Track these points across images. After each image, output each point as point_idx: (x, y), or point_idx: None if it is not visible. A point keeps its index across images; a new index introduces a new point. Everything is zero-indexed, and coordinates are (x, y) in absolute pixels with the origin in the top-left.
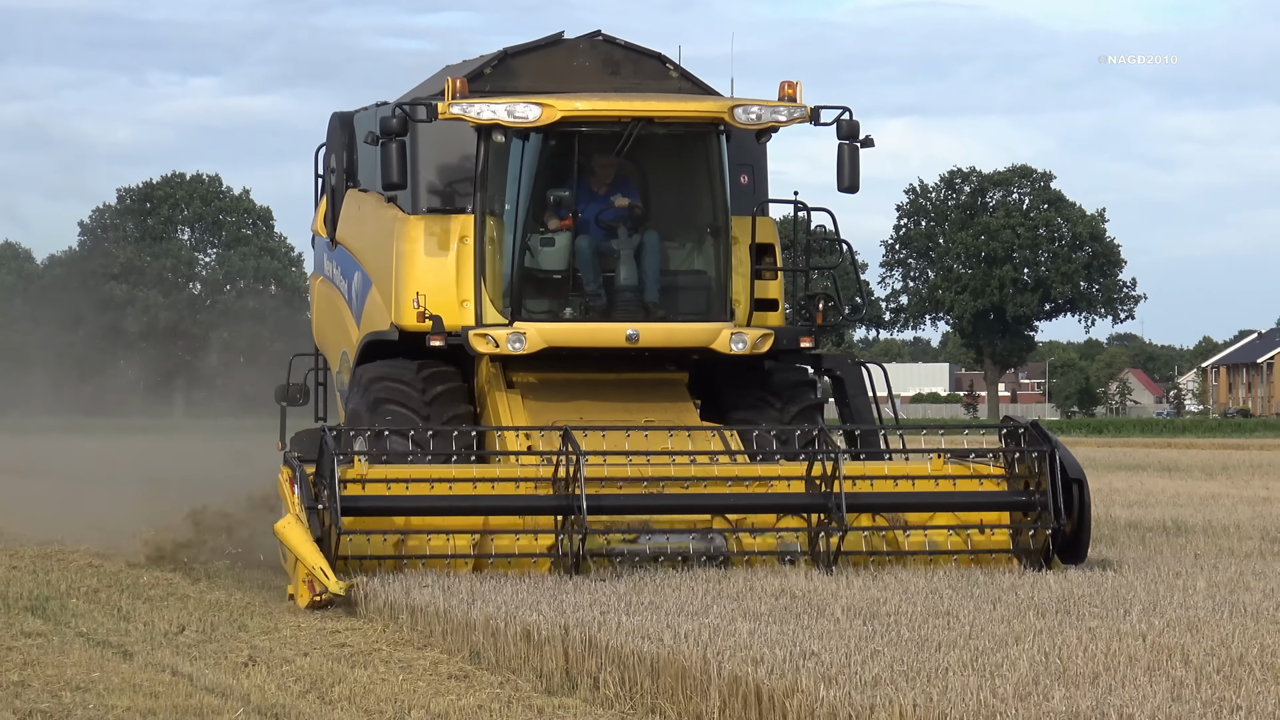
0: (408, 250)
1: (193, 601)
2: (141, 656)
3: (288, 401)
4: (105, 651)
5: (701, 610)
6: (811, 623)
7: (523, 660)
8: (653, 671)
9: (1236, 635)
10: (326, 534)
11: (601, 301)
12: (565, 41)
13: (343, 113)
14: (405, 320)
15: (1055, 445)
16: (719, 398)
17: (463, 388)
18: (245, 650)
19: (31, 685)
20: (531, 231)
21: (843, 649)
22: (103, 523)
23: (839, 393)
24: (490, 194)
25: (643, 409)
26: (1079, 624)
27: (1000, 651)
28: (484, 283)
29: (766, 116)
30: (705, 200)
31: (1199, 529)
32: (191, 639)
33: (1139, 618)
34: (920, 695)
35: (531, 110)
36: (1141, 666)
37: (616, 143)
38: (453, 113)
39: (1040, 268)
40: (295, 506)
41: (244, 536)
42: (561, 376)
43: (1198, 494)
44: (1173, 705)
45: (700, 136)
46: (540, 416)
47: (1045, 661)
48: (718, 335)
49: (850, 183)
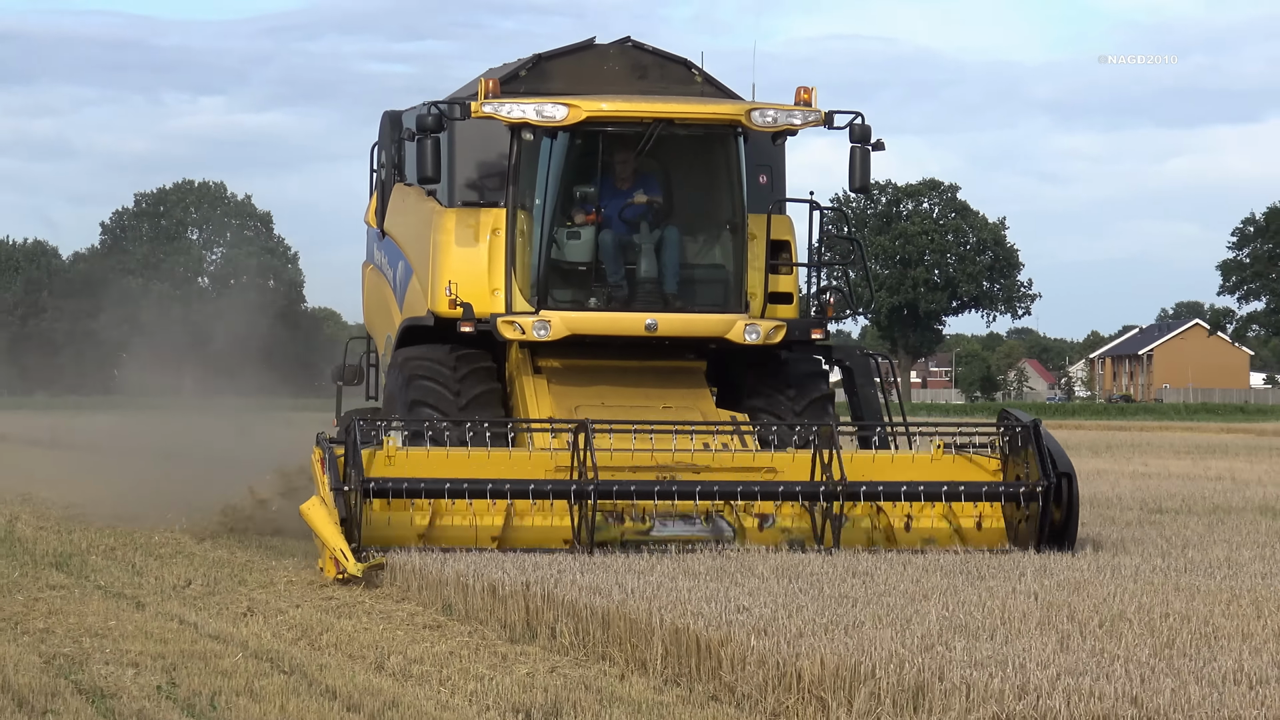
0: (443, 241)
1: (198, 559)
2: (153, 607)
3: (344, 381)
4: (121, 602)
5: (647, 569)
6: (744, 581)
7: (489, 613)
8: (603, 623)
9: (1117, 594)
10: (351, 516)
11: (623, 292)
12: (596, 46)
13: (393, 112)
14: (440, 307)
15: (1046, 440)
16: (735, 386)
17: (492, 369)
18: (244, 602)
19: (55, 632)
20: (558, 225)
21: (771, 605)
22: (120, 489)
23: (848, 382)
24: (521, 189)
25: (662, 395)
26: (979, 584)
27: (910, 607)
28: (514, 273)
29: (782, 120)
30: (723, 198)
31: (1086, 501)
32: (197, 592)
33: (1032, 578)
34: (838, 645)
35: (559, 110)
36: (1034, 621)
37: (639, 142)
38: (485, 112)
39: (949, 269)
40: (323, 488)
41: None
42: (585, 362)
43: (1085, 470)
44: (1061, 655)
45: (719, 137)
46: (564, 399)
47: (949, 617)
48: (733, 326)
49: (862, 183)
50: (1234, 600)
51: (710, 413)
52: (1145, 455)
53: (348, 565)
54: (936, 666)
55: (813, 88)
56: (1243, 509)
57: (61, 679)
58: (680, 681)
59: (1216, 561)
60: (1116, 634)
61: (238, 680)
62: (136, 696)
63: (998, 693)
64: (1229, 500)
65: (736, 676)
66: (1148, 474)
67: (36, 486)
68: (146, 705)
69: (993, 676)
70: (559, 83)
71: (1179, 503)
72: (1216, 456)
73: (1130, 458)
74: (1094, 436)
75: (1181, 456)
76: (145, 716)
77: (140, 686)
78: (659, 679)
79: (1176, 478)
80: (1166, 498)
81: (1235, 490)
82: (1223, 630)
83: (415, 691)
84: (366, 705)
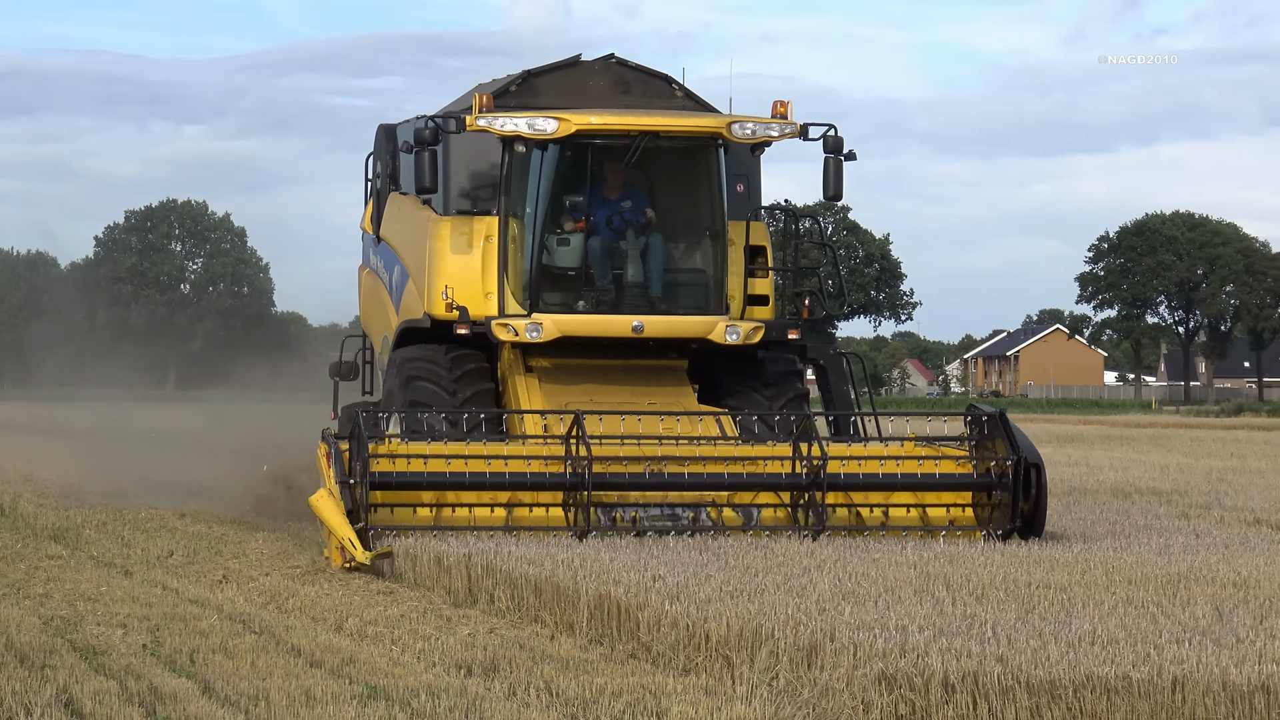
0: (438, 247)
1: (179, 533)
2: (139, 575)
3: (340, 377)
4: (111, 571)
5: (574, 543)
6: (661, 554)
7: (435, 580)
8: (536, 590)
9: (986, 566)
10: (357, 507)
11: (611, 296)
12: (582, 63)
13: (388, 125)
14: (436, 310)
15: (1016, 435)
16: (715, 384)
17: (486, 369)
18: (220, 571)
19: (53, 596)
20: (549, 232)
21: (684, 574)
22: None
23: (822, 379)
24: (512, 198)
25: (647, 392)
26: (866, 556)
27: (806, 576)
28: (506, 277)
29: (760, 132)
30: (705, 206)
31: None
32: (178, 561)
33: (911, 551)
34: (742, 610)
35: (549, 124)
36: (912, 589)
37: (626, 154)
38: (479, 125)
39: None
40: (329, 480)
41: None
42: (574, 361)
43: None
44: (936, 619)
45: (701, 149)
46: (555, 397)
47: (840, 584)
48: (714, 327)
49: (835, 191)
50: (1088, 571)
51: (693, 409)
52: None
53: (356, 554)
54: (828, 628)
55: (788, 101)
56: (1096, 490)
57: (58, 638)
58: (603, 641)
59: (1073, 536)
60: (985, 600)
61: (214, 639)
62: (124, 654)
63: (881, 651)
64: (1084, 483)
65: (652, 637)
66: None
67: (37, 468)
68: (134, 661)
69: (877, 638)
70: (547, 97)
71: None
72: (1074, 445)
73: None
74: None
75: (1044, 445)
76: (133, 671)
77: (128, 645)
78: (584, 639)
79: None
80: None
81: (1090, 474)
82: (1078, 597)
83: (370, 649)
84: (327, 661)
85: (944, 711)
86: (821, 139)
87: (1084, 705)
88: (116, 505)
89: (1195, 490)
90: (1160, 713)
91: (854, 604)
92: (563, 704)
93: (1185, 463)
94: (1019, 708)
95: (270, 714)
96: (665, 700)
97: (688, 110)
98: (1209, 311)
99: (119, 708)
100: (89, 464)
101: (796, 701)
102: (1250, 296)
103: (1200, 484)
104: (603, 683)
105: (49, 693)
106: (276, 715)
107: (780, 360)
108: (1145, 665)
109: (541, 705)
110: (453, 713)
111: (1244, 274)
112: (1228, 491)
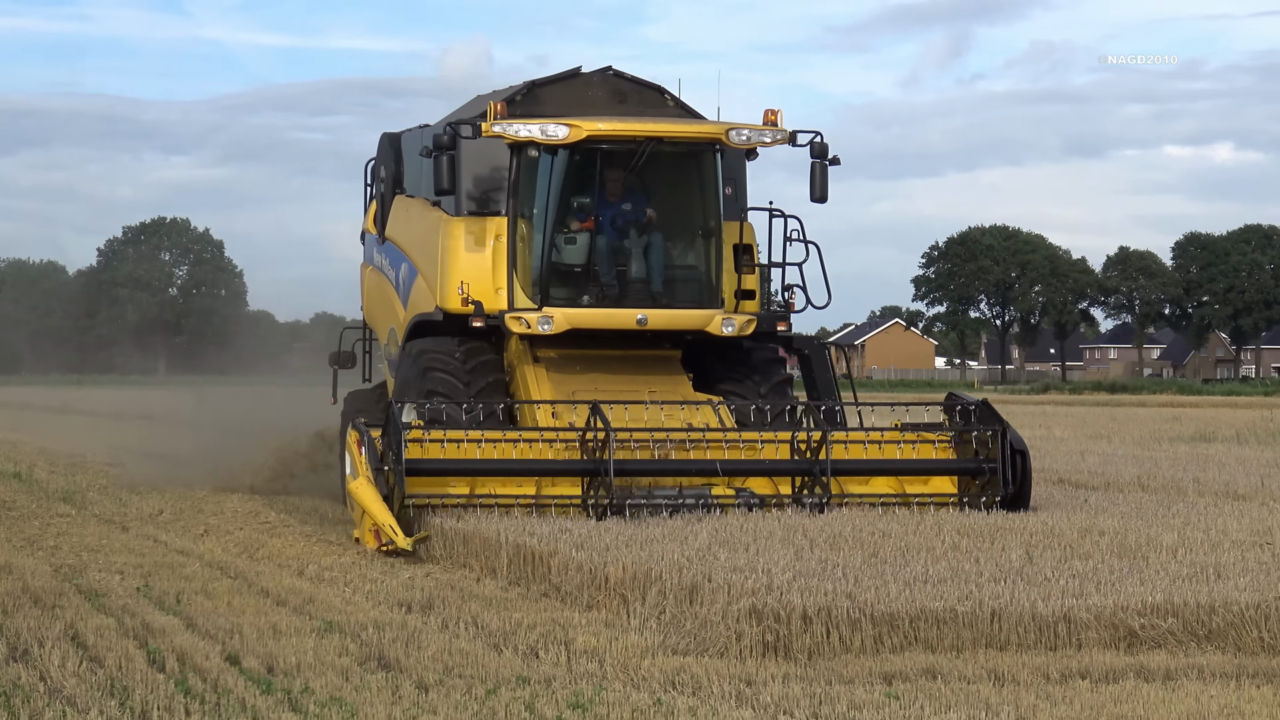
0: (451, 246)
1: (168, 495)
2: (135, 529)
3: (339, 365)
4: (111, 527)
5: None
6: (566, 510)
7: None
8: (464, 540)
9: (838, 519)
10: (391, 493)
11: (615, 291)
12: (582, 75)
13: (391, 133)
14: (451, 304)
15: (1005, 425)
16: (707, 372)
17: (496, 360)
18: (202, 526)
19: (62, 548)
20: (558, 232)
21: (587, 528)
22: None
23: (806, 369)
24: (521, 200)
25: (646, 380)
26: (738, 511)
27: (689, 529)
28: (515, 273)
29: (755, 138)
30: (702, 207)
31: None
32: (167, 518)
33: (776, 510)
34: (635, 556)
35: (561, 130)
36: (778, 539)
37: (631, 158)
38: (494, 131)
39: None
40: (364, 468)
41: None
42: (578, 352)
43: None
44: (796, 563)
45: (700, 154)
46: (561, 385)
47: (717, 535)
48: (711, 320)
49: (821, 194)
50: (921, 523)
51: (690, 395)
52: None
53: (397, 539)
54: (706, 571)
55: (778, 110)
56: None
57: (66, 583)
58: (520, 583)
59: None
60: (838, 548)
61: (196, 583)
62: (121, 595)
63: (750, 590)
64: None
65: (561, 579)
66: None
67: (50, 441)
68: (129, 602)
69: (747, 578)
70: (550, 106)
71: None
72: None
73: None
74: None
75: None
76: (128, 610)
77: (125, 588)
78: (505, 581)
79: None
80: None
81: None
82: (914, 546)
83: (327, 591)
84: (290, 601)
85: (802, 640)
86: (809, 145)
87: (918, 633)
88: (115, 472)
89: None
90: (980, 639)
91: (729, 551)
92: (487, 635)
93: None
94: (864, 636)
95: (243, 645)
96: (572, 631)
97: (679, 118)
98: (1021, 307)
99: (116, 640)
100: (93, 438)
101: (680, 632)
102: (1055, 295)
103: None
104: (520, 617)
105: (58, 628)
106: (248, 646)
107: (764, 350)
108: (968, 600)
109: (469, 636)
110: (395, 643)
111: (1050, 276)
112: (1036, 455)
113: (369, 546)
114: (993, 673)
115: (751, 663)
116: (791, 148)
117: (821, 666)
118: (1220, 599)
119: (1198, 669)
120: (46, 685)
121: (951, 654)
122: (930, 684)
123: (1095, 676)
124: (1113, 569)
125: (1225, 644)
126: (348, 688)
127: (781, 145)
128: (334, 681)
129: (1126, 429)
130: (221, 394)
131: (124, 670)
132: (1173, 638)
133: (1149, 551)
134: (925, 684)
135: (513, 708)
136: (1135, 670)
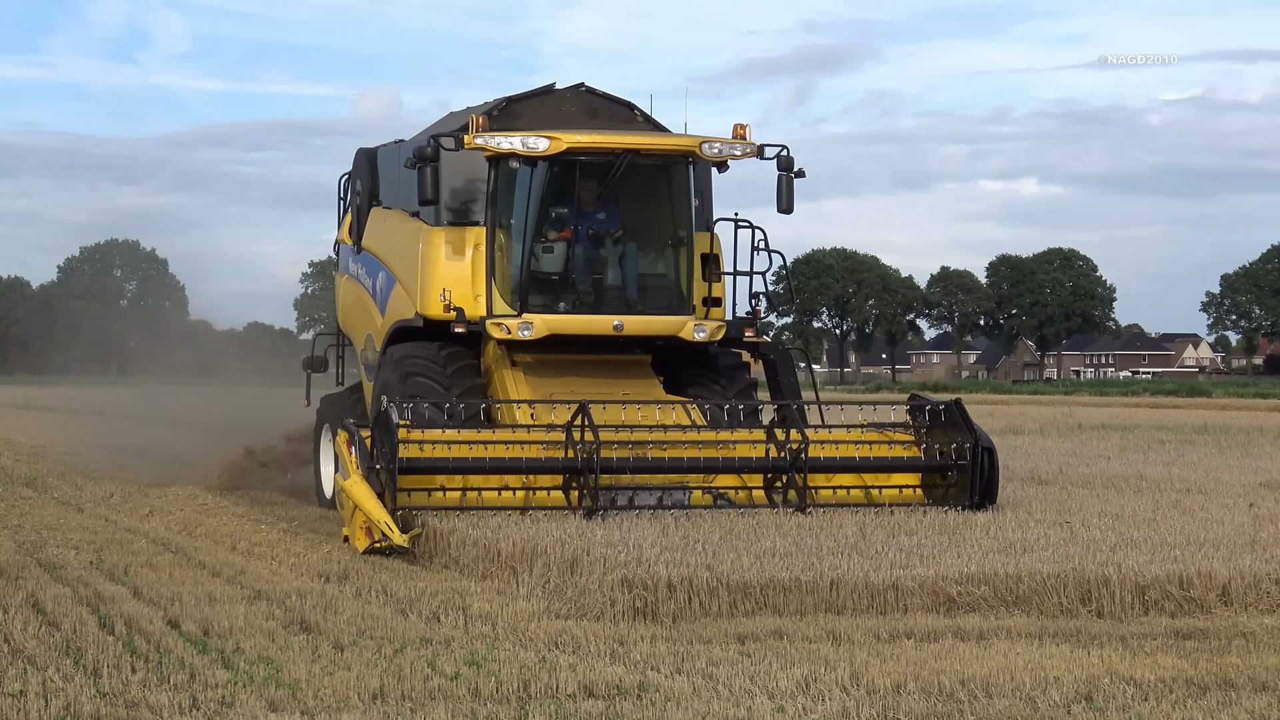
0: (432, 255)
1: (118, 481)
2: (89, 510)
3: (312, 369)
4: (68, 508)
5: None
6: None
7: (302, 514)
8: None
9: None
10: (384, 491)
11: (591, 298)
12: (555, 91)
13: (368, 149)
14: (432, 310)
15: (976, 429)
16: (676, 376)
17: (474, 364)
18: (148, 507)
19: (25, 526)
20: (536, 241)
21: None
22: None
23: (771, 373)
24: (499, 210)
25: (619, 384)
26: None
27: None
28: (494, 281)
29: (726, 151)
30: (674, 218)
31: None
32: (117, 500)
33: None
34: (524, 533)
35: (541, 142)
36: (646, 518)
37: (608, 170)
38: (477, 143)
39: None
40: (354, 467)
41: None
42: (554, 357)
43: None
44: (663, 539)
45: (673, 166)
46: (538, 387)
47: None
48: (684, 326)
49: (787, 205)
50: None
51: (662, 398)
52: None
53: (393, 536)
54: (585, 546)
55: (747, 124)
56: None
57: (28, 557)
58: (424, 557)
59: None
60: (699, 525)
61: (142, 557)
62: (77, 568)
63: (623, 562)
64: None
65: (460, 553)
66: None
67: (14, 434)
68: (84, 573)
69: (620, 552)
70: (525, 121)
71: None
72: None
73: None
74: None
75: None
76: (82, 581)
77: (80, 562)
78: (411, 555)
79: None
80: None
81: None
82: (766, 523)
83: (256, 564)
84: (224, 572)
85: (668, 605)
86: (776, 158)
87: (767, 600)
88: (72, 460)
89: None
90: (821, 605)
91: (604, 529)
92: (395, 601)
93: None
94: (721, 602)
95: (183, 611)
96: (469, 598)
97: (648, 132)
98: (858, 318)
99: (72, 607)
100: (53, 430)
101: (563, 599)
102: (886, 308)
103: None
104: (424, 586)
105: (20, 596)
106: (187, 612)
107: (729, 355)
108: (811, 570)
109: (380, 603)
110: (315, 609)
111: (882, 292)
112: None
113: (359, 548)
114: (831, 633)
115: (624, 625)
116: (759, 160)
117: (684, 628)
118: (1026, 570)
119: (1006, 630)
120: (10, 646)
121: (796, 617)
122: (778, 643)
123: (919, 636)
124: (934, 544)
125: (1030, 608)
126: (274, 648)
127: (750, 158)
128: (262, 642)
129: None
130: (166, 392)
131: (78, 633)
132: (985, 603)
133: (965, 529)
134: (773, 643)
135: (417, 665)
136: (953, 631)
